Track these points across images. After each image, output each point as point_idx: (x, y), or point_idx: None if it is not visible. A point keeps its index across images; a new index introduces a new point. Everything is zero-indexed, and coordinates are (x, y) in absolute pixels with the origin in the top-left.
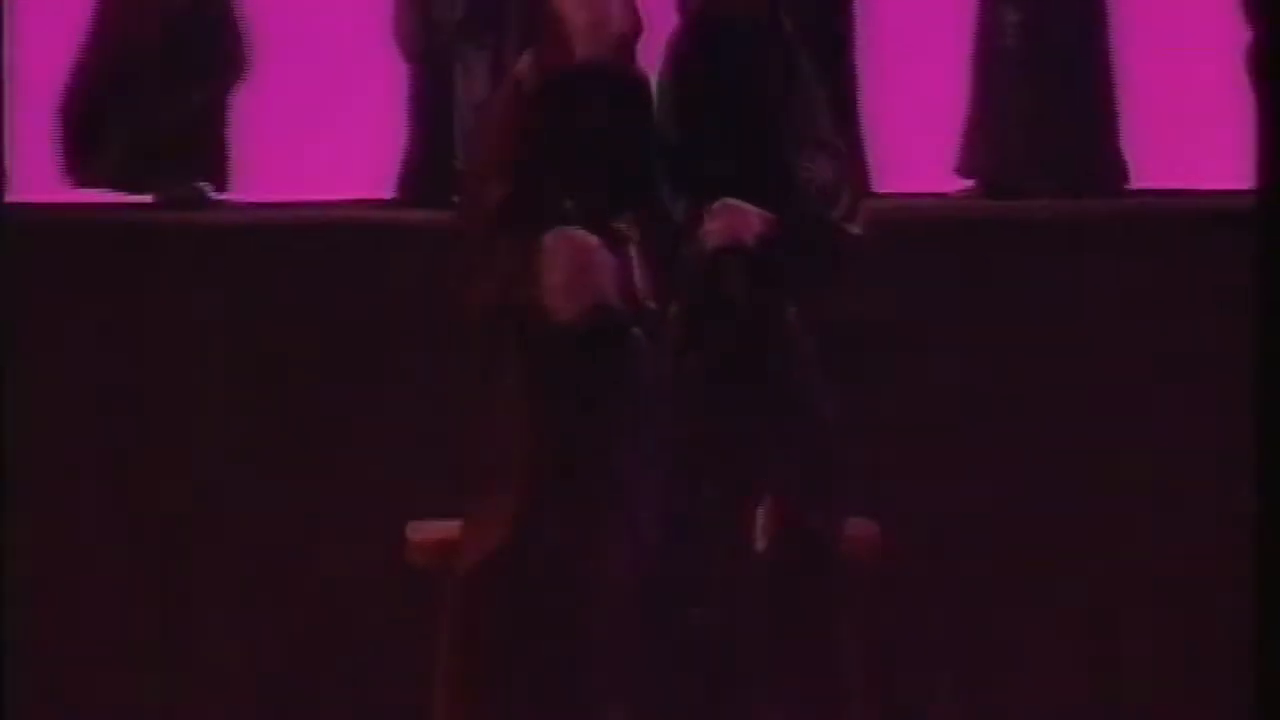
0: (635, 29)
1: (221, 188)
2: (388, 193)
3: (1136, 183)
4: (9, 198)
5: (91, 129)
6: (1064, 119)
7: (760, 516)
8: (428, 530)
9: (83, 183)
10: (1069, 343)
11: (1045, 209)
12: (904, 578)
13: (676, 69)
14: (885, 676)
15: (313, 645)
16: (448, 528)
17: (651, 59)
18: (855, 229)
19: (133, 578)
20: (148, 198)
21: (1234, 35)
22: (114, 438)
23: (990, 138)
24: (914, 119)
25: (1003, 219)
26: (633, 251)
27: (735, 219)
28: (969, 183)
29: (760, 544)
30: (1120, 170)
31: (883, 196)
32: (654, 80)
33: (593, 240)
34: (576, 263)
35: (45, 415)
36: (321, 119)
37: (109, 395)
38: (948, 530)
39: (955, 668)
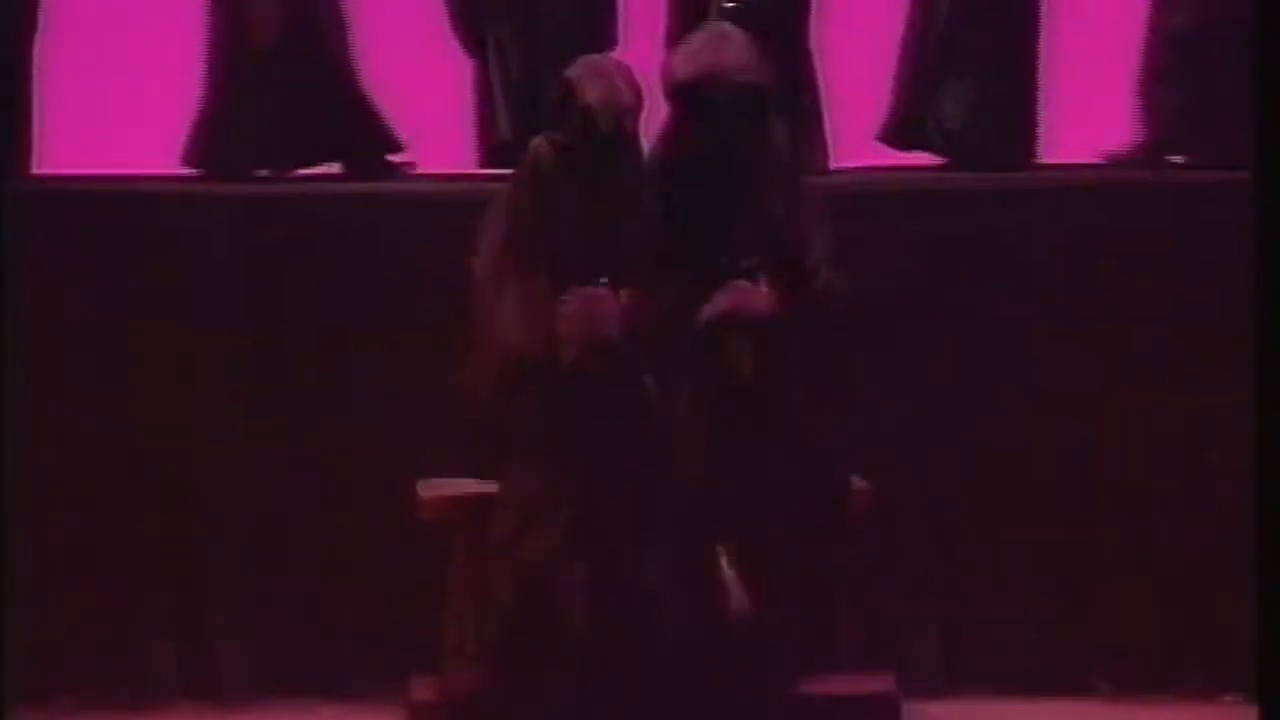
0: (639, 103)
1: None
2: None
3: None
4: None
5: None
6: (993, 96)
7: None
8: (438, 488)
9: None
10: (1046, 310)
11: (1026, 180)
12: (892, 530)
13: (666, 153)
14: (872, 621)
15: (323, 601)
16: (457, 485)
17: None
18: (846, 291)
19: (142, 541)
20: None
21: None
22: (124, 400)
23: (923, 111)
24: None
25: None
26: (639, 303)
27: (742, 298)
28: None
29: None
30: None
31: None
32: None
33: (603, 291)
34: (587, 312)
35: (56, 377)
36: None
37: (118, 358)
38: (934, 486)
39: (937, 614)
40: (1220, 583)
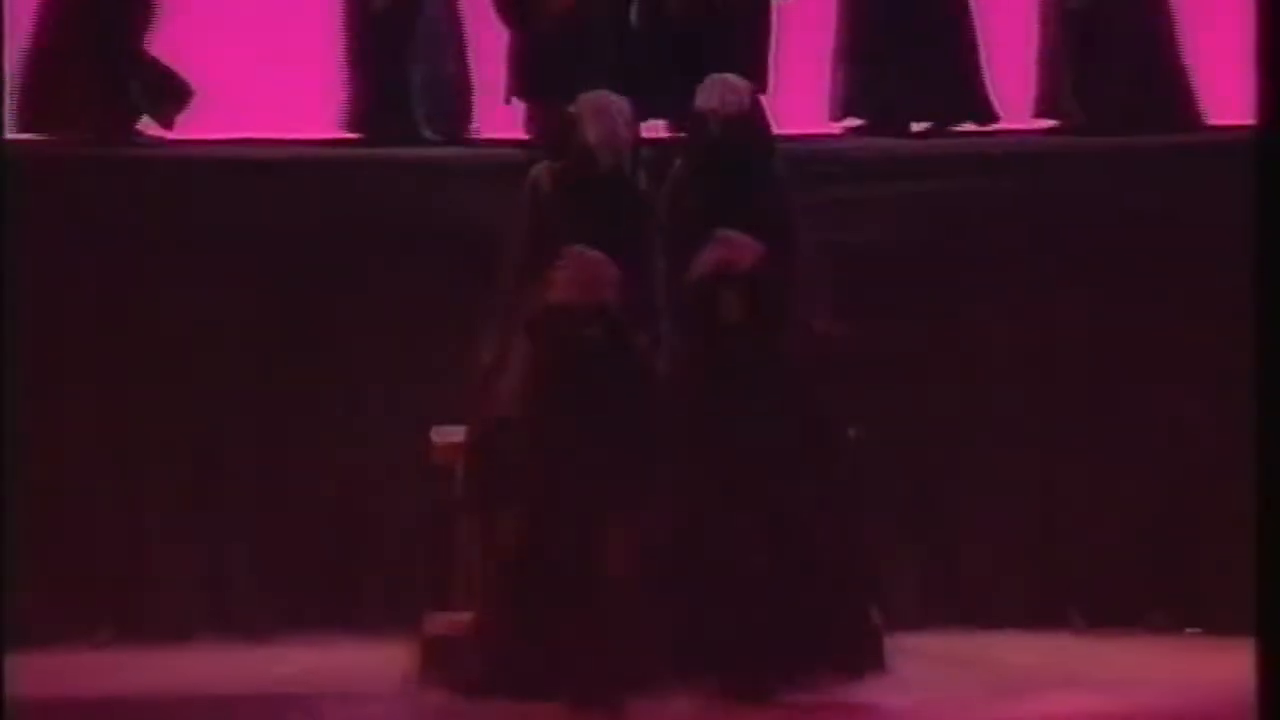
0: (637, 142)
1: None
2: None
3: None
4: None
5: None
6: (935, 62)
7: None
8: (450, 434)
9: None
10: (1018, 274)
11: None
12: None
13: (678, 192)
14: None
15: (341, 541)
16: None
17: None
18: (834, 330)
19: (170, 483)
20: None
21: None
22: (152, 347)
23: (868, 83)
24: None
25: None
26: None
27: (730, 249)
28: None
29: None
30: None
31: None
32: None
33: (598, 255)
34: (582, 270)
35: (65, 324)
36: None
37: (136, 306)
38: (916, 431)
39: (919, 552)
40: (1187, 524)
